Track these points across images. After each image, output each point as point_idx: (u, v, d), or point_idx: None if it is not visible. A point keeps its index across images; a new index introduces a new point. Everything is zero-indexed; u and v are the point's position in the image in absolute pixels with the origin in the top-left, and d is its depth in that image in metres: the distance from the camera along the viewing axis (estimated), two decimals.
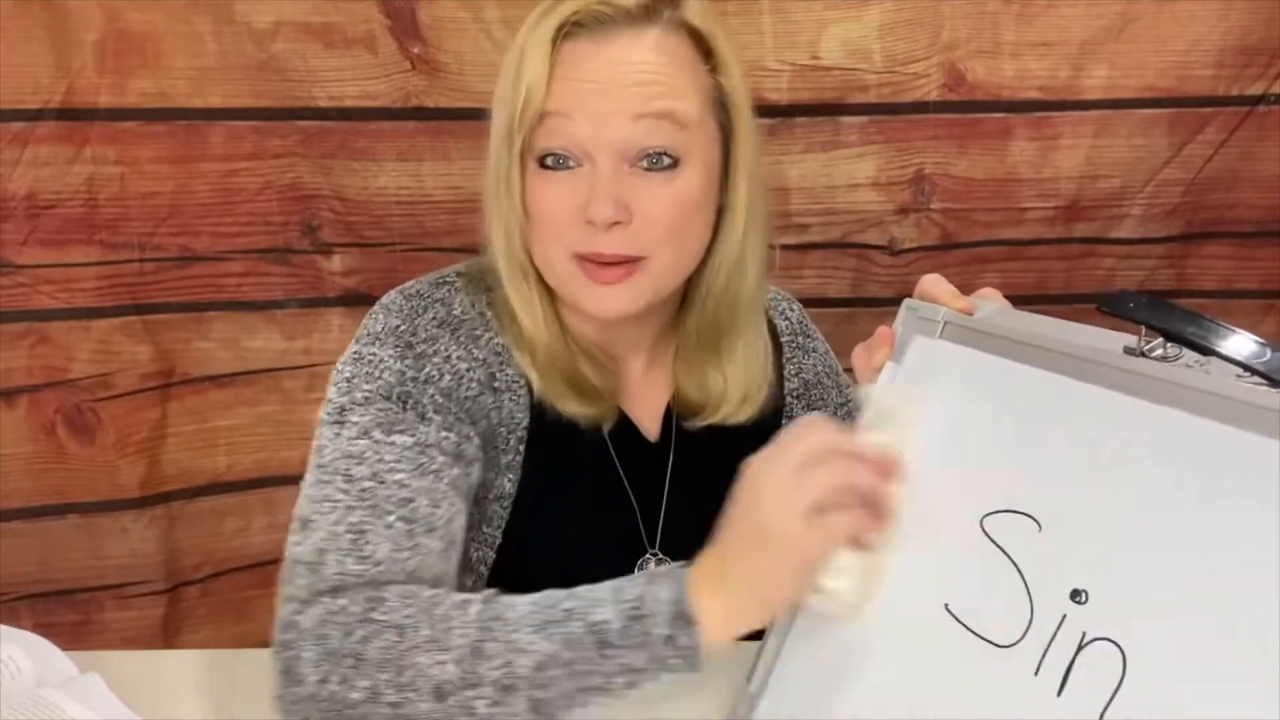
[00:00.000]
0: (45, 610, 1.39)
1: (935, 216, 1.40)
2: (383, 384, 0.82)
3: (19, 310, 1.30)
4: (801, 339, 1.03)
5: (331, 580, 0.74)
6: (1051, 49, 1.33)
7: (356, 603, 0.71)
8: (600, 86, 0.80)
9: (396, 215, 1.35)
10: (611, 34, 0.80)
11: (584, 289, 0.83)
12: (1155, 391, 0.61)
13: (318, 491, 0.78)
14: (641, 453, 0.94)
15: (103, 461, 1.36)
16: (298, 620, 0.72)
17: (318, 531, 0.76)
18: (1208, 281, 1.45)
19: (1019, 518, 0.65)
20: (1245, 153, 1.37)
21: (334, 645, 0.70)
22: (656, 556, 0.93)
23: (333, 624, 0.71)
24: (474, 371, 0.85)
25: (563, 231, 0.82)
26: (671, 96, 0.81)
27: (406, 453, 0.79)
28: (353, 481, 0.78)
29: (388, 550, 0.75)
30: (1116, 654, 0.58)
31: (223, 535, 1.44)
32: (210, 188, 1.32)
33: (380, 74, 1.29)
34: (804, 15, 1.31)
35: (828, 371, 1.03)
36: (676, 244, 0.84)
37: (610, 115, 0.80)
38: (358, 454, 0.79)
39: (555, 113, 0.80)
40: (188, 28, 1.26)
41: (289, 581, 0.76)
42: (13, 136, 1.25)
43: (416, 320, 0.85)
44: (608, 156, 0.80)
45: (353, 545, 0.75)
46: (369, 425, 0.80)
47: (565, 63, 0.80)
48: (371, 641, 0.69)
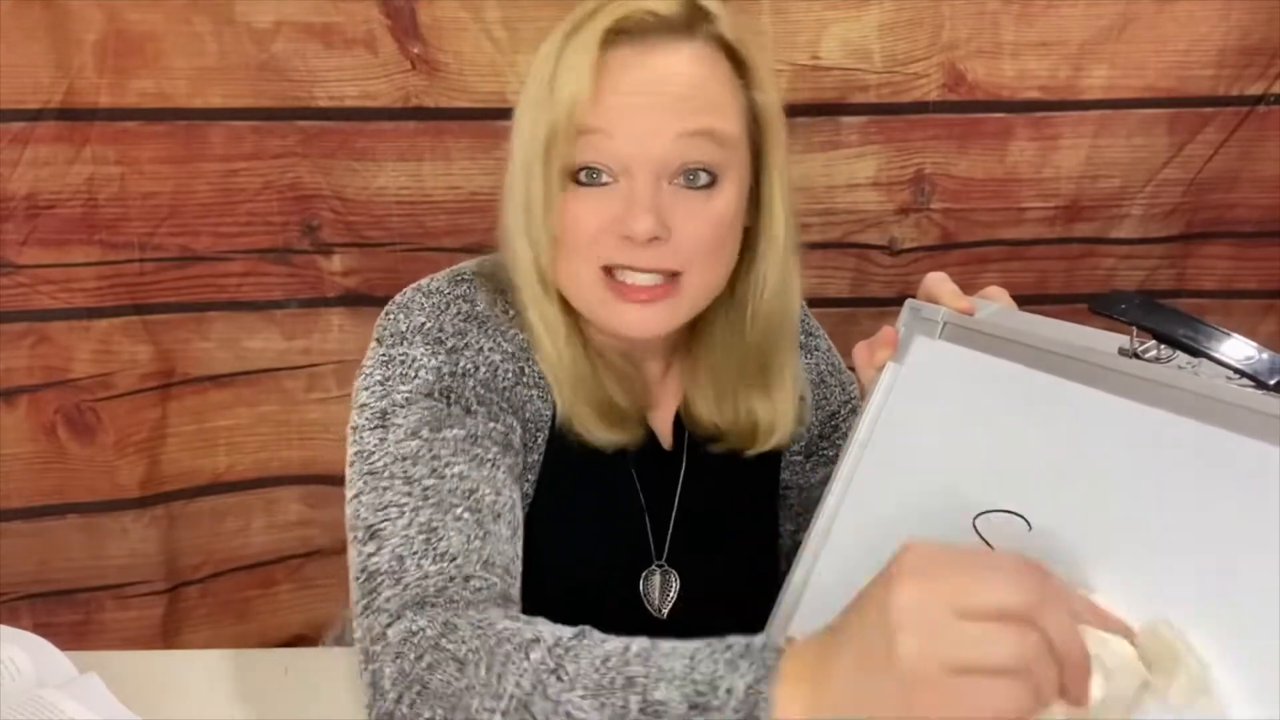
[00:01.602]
0: (45, 610, 1.39)
1: (935, 216, 1.40)
2: (421, 382, 0.80)
3: (19, 310, 1.30)
4: (804, 338, 1.02)
5: (414, 589, 0.73)
6: (1051, 49, 1.33)
7: (434, 625, 0.70)
8: (643, 101, 0.78)
9: (396, 215, 1.35)
10: (653, 44, 0.79)
11: (613, 309, 0.81)
12: (1146, 393, 0.62)
13: (378, 499, 0.77)
14: (657, 460, 0.92)
15: (103, 461, 1.36)
16: (386, 635, 0.71)
17: (391, 539, 0.75)
18: (1208, 281, 1.45)
19: (1010, 517, 0.66)
20: (1245, 153, 1.37)
21: (408, 667, 0.69)
22: (662, 568, 0.92)
23: (410, 644, 0.70)
24: (507, 363, 0.84)
25: (593, 245, 0.80)
26: (713, 113, 0.79)
27: (461, 445, 0.78)
28: (413, 482, 0.77)
29: (460, 543, 0.75)
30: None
31: (223, 535, 1.44)
32: (210, 188, 1.32)
33: (380, 74, 1.29)
34: (804, 15, 1.30)
35: (831, 370, 1.03)
36: (712, 263, 0.82)
37: (653, 132, 0.78)
38: (412, 454, 0.78)
39: (596, 129, 0.78)
40: (188, 28, 1.26)
41: (374, 593, 0.74)
42: (13, 136, 1.25)
43: (441, 316, 0.84)
44: (647, 172, 0.78)
45: (427, 545, 0.74)
46: (416, 425, 0.79)
47: (606, 73, 0.78)
48: (436, 671, 0.68)
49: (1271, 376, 0.58)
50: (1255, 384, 0.58)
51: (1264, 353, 0.59)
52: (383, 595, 0.73)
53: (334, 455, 1.43)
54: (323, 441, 1.43)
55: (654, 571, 0.91)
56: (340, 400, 1.42)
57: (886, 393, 0.78)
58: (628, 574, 0.91)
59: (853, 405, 1.01)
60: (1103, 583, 0.60)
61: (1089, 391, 0.65)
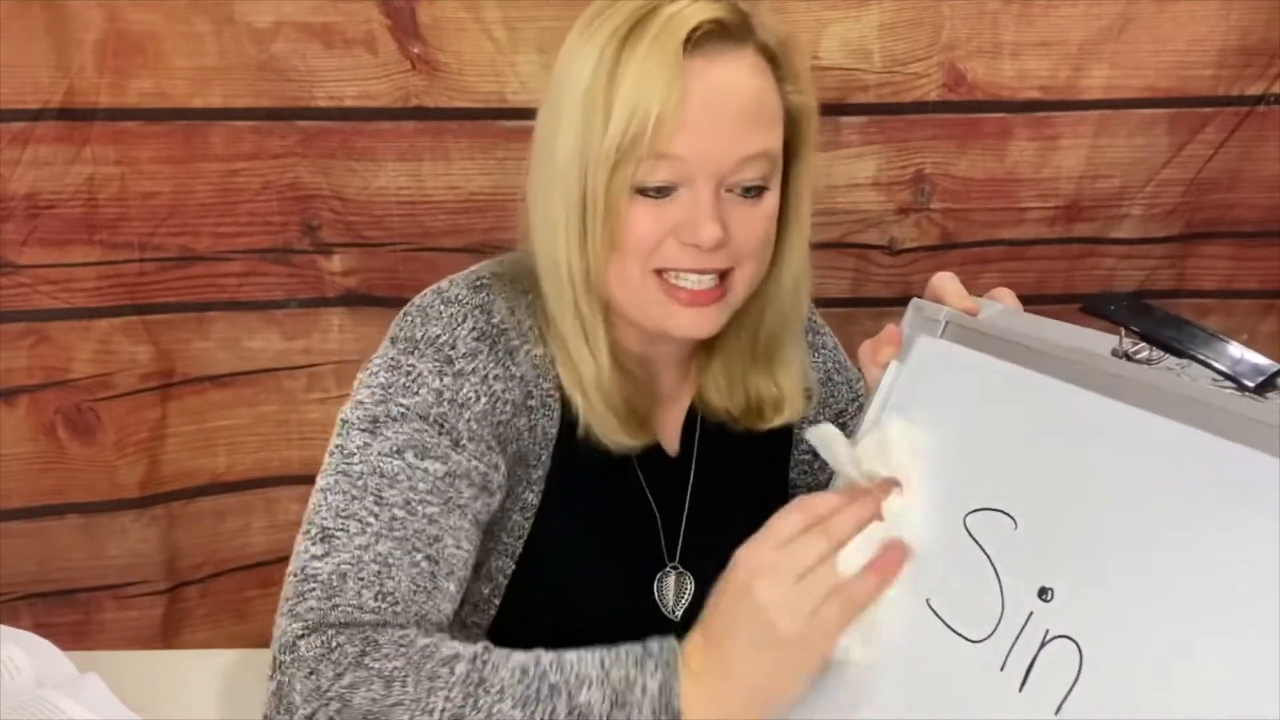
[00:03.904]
0: (45, 610, 1.39)
1: (935, 216, 1.40)
2: (420, 401, 0.79)
3: (19, 310, 1.30)
4: (811, 336, 1.02)
5: (344, 614, 0.72)
6: (1051, 49, 1.33)
7: (354, 643, 0.70)
8: (713, 119, 0.77)
9: (396, 215, 1.35)
10: (718, 55, 0.78)
11: (666, 310, 0.81)
12: (1133, 394, 0.63)
13: (345, 505, 0.76)
14: (664, 466, 0.93)
15: (103, 461, 1.36)
16: (298, 646, 0.70)
17: (342, 552, 0.74)
18: (1208, 281, 1.45)
19: (999, 515, 0.66)
20: (1245, 153, 1.37)
21: (325, 684, 0.68)
22: (677, 570, 0.92)
23: (328, 660, 0.69)
24: (510, 392, 0.83)
25: (654, 252, 0.80)
26: (768, 131, 0.81)
27: (438, 483, 0.78)
28: (383, 506, 0.76)
29: (407, 590, 0.74)
30: (1074, 652, 0.60)
31: (223, 535, 1.44)
32: (210, 188, 1.32)
33: (380, 74, 1.29)
34: (804, 15, 1.30)
35: (837, 368, 1.03)
36: (759, 262, 0.84)
37: (720, 152, 0.78)
38: (391, 475, 0.77)
39: (672, 155, 0.77)
40: (188, 28, 1.26)
41: (299, 597, 0.73)
42: (13, 136, 1.25)
43: (456, 331, 0.82)
44: (709, 181, 0.78)
45: (375, 577, 0.73)
46: (403, 445, 0.78)
47: (687, 85, 0.76)
48: (359, 689, 0.68)
49: (1253, 379, 0.58)
50: (1236, 386, 0.59)
51: (1249, 355, 0.59)
52: (308, 602, 0.72)
53: None
54: (323, 441, 1.40)
55: (668, 574, 0.92)
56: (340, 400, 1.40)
57: (888, 391, 0.78)
58: (641, 577, 0.91)
59: (859, 403, 1.02)
60: (1076, 580, 0.61)
61: (1079, 392, 0.65)
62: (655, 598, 0.91)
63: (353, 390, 0.83)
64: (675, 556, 0.92)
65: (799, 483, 1.02)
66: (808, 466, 1.02)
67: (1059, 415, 0.66)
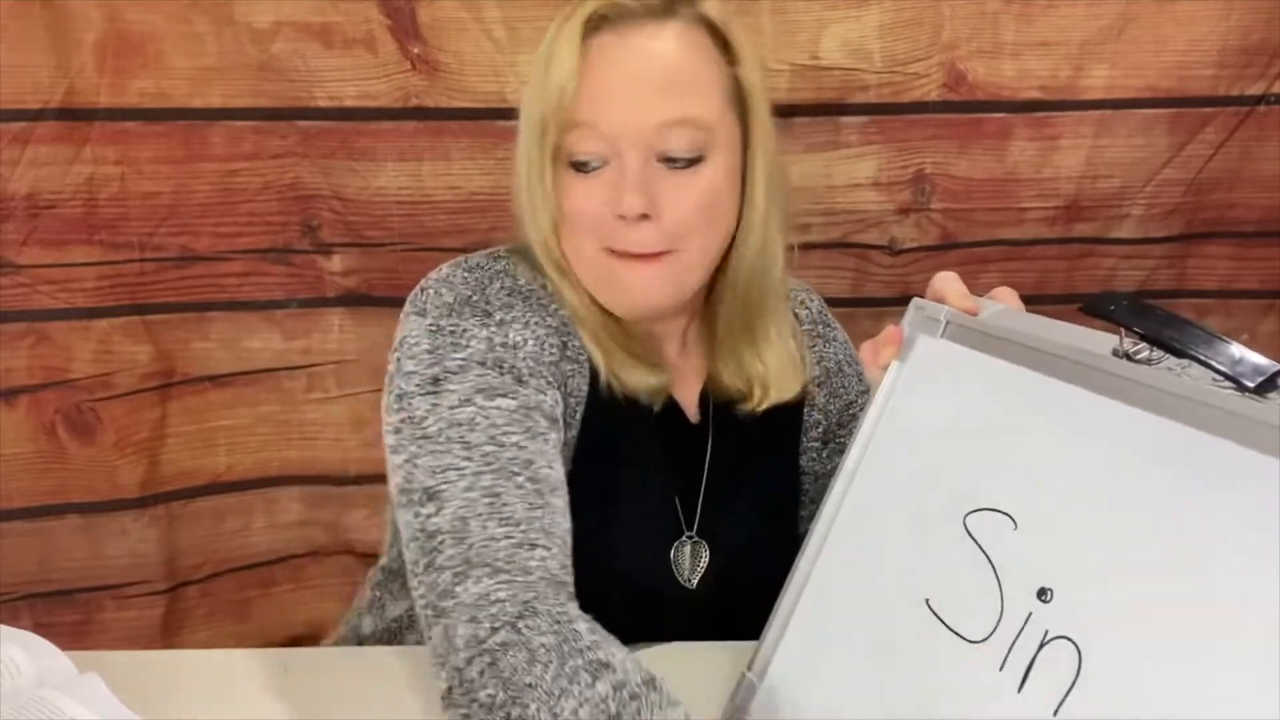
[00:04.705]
0: (45, 610, 1.39)
1: (935, 216, 1.40)
2: (474, 351, 0.82)
3: (19, 310, 1.30)
4: (822, 328, 1.04)
5: (479, 549, 0.74)
6: (1052, 49, 1.33)
7: (513, 603, 0.71)
8: (625, 87, 0.82)
9: (396, 215, 1.35)
10: (634, 28, 0.82)
11: (617, 283, 0.85)
12: (1132, 394, 0.63)
13: (436, 461, 0.78)
14: (685, 436, 0.95)
15: (103, 461, 1.36)
16: (455, 592, 0.73)
17: (452, 501, 0.76)
18: (1208, 281, 1.45)
19: (998, 515, 0.66)
20: (1245, 153, 1.37)
21: (483, 634, 0.70)
22: (693, 540, 0.94)
23: (487, 612, 0.71)
24: (552, 338, 0.86)
25: (594, 227, 0.84)
26: (692, 96, 0.82)
27: (514, 415, 0.80)
28: (472, 448, 0.78)
29: (523, 510, 0.76)
30: (1073, 652, 0.59)
31: (223, 535, 1.44)
32: (210, 188, 1.32)
33: (380, 74, 1.29)
34: (804, 15, 1.30)
35: (848, 360, 1.05)
36: (706, 234, 0.85)
37: (636, 119, 0.81)
38: (468, 420, 0.79)
39: (584, 123, 0.82)
40: (188, 28, 1.26)
41: (434, 551, 0.75)
42: (13, 136, 1.25)
43: (486, 290, 0.86)
44: (635, 151, 0.82)
45: (490, 509, 0.76)
46: (469, 392, 0.80)
47: (591, 59, 0.82)
48: (507, 652, 0.69)
49: (1253, 379, 0.58)
50: (1236, 386, 0.59)
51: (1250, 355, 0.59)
52: (445, 553, 0.75)
53: (334, 455, 1.44)
54: (323, 441, 1.44)
55: (685, 543, 0.94)
56: (340, 400, 1.42)
57: (889, 391, 0.79)
58: (660, 546, 0.93)
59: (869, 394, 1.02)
60: (1075, 580, 0.61)
61: (1079, 392, 0.65)
62: (672, 566, 0.93)
63: (391, 372, 0.84)
64: (693, 526, 0.94)
65: (808, 469, 1.03)
66: (816, 454, 1.03)
67: (1058, 415, 0.66)
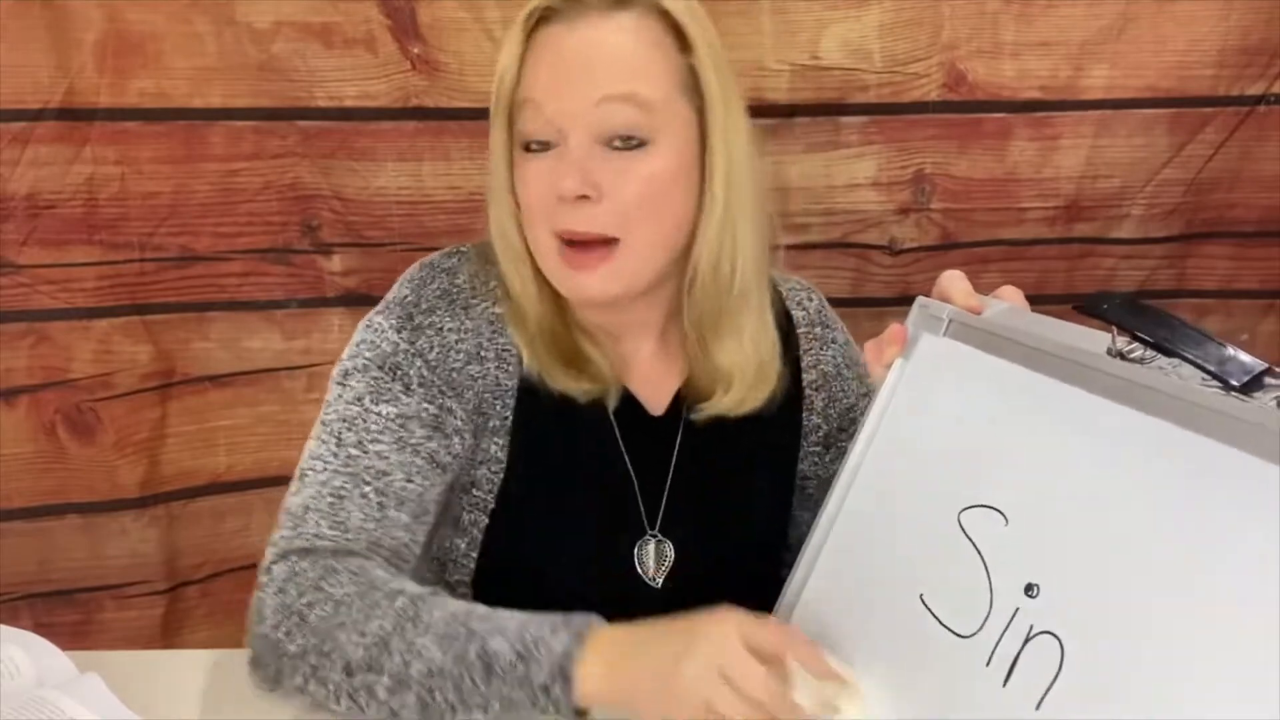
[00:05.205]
0: (45, 610, 1.39)
1: (935, 216, 1.40)
2: (379, 353, 0.88)
3: (19, 310, 1.30)
4: (820, 329, 1.02)
5: (306, 540, 0.83)
6: (1052, 49, 1.33)
7: (315, 569, 0.80)
8: (567, 68, 0.84)
9: (396, 215, 1.35)
10: (583, 19, 0.84)
11: (564, 273, 0.86)
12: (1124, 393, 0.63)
13: (316, 448, 0.87)
14: (647, 432, 0.94)
15: (103, 461, 1.36)
16: (273, 569, 0.82)
17: (309, 488, 0.86)
18: (1208, 281, 1.45)
19: (990, 512, 0.67)
20: (1245, 153, 1.37)
21: (289, 600, 0.80)
22: (656, 538, 0.93)
23: (293, 582, 0.80)
24: (463, 342, 0.89)
25: (543, 210, 0.85)
26: (635, 78, 0.83)
27: (390, 424, 0.86)
28: (341, 446, 0.86)
29: (358, 520, 0.84)
30: (1056, 647, 0.60)
31: (223, 535, 1.44)
32: (210, 188, 1.32)
33: (380, 74, 1.29)
34: (804, 15, 1.31)
35: (848, 363, 1.03)
36: (652, 223, 0.86)
37: (575, 98, 0.83)
38: (350, 419, 0.87)
39: (529, 100, 0.85)
40: (188, 28, 1.26)
41: (278, 527, 0.85)
42: (13, 136, 1.25)
43: (422, 291, 0.91)
44: (579, 134, 0.83)
45: (330, 510, 0.84)
46: (362, 392, 0.87)
47: (538, 48, 0.85)
48: (314, 608, 0.78)
49: (1240, 378, 0.59)
50: (1223, 386, 0.59)
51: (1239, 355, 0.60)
52: (281, 532, 0.85)
53: None
54: None
55: (648, 541, 0.93)
56: None
57: (892, 389, 0.79)
58: (620, 543, 0.93)
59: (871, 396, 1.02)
60: (1061, 576, 0.62)
61: (1074, 391, 0.66)
62: (636, 565, 0.92)
63: None
64: (656, 525, 0.93)
65: (811, 474, 1.02)
66: (818, 458, 1.02)
67: (1052, 412, 0.67)
